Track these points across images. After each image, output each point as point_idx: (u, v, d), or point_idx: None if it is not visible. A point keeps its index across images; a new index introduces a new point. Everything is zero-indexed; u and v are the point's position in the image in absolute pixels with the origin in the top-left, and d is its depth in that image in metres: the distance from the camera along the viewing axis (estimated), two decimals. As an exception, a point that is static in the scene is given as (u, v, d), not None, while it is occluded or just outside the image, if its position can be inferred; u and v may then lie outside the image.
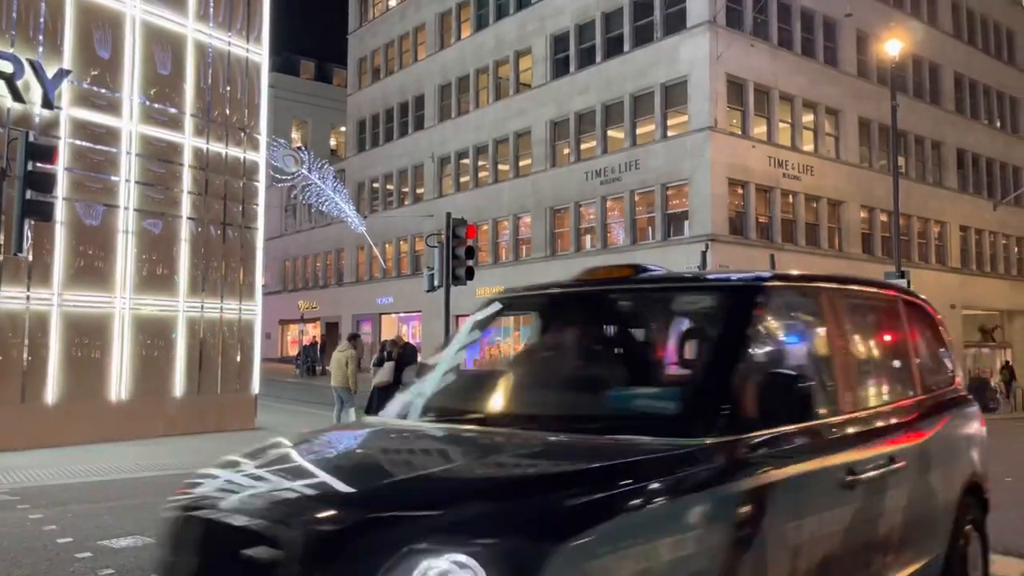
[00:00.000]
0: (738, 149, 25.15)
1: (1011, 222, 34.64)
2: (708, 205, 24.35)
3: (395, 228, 37.39)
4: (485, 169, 33.53)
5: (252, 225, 14.76)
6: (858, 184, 28.50)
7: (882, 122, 29.06)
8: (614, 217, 27.87)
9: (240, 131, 14.65)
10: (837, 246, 27.93)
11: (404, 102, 38.20)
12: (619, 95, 27.47)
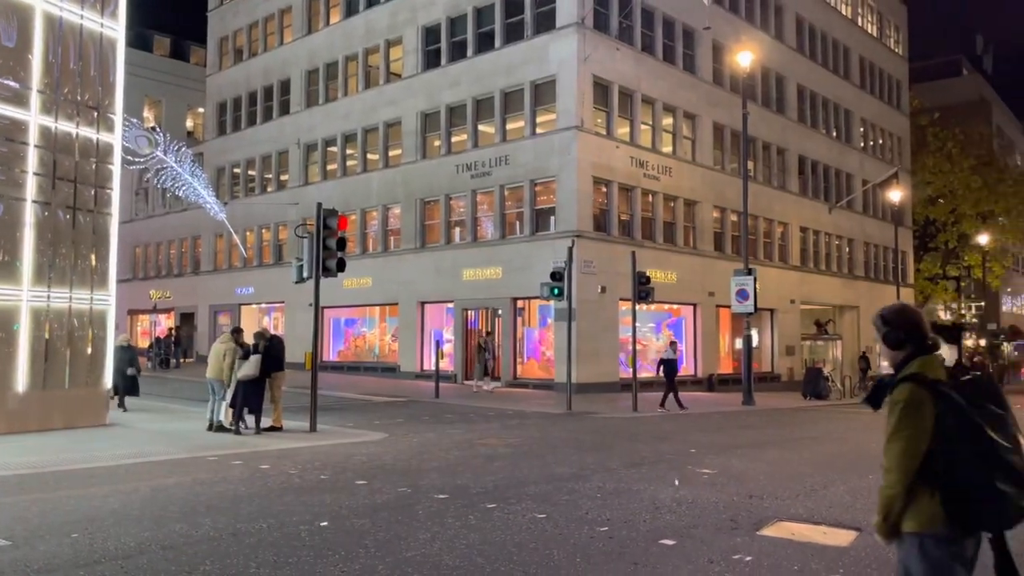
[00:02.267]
0: (603, 149, 26.06)
1: (844, 224, 37.75)
2: (574, 202, 25.10)
3: (257, 215, 36.13)
4: (354, 158, 33.00)
5: (105, 210, 13.95)
6: (712, 186, 30.19)
7: (734, 128, 30.93)
8: (484, 211, 28.19)
9: (93, 110, 13.80)
10: (692, 244, 29.48)
11: (268, 86, 36.92)
12: (490, 90, 27.79)
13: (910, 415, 3.01)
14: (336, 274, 13.85)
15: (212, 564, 5.49)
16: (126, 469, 9.61)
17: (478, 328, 28.55)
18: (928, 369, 3.13)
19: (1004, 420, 2.99)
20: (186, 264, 41.75)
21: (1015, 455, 2.93)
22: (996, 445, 2.91)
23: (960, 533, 2.99)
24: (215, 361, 12.89)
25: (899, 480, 3.01)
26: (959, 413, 2.96)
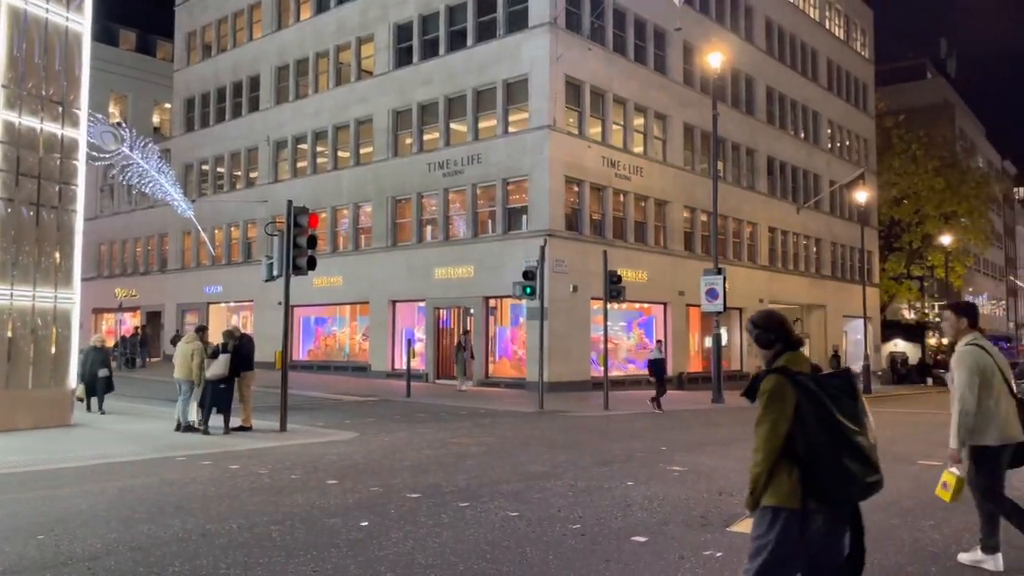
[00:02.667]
0: (575, 148, 26.16)
1: (811, 225, 38.28)
2: (546, 201, 25.16)
3: (226, 213, 35.73)
4: (324, 156, 32.77)
5: (70, 207, 13.71)
6: (682, 186, 30.45)
7: (704, 129, 31.23)
8: (456, 209, 28.15)
9: (58, 105, 13.55)
10: (663, 243, 29.70)
11: (238, 82, 36.52)
12: (462, 88, 27.75)
13: (774, 402, 3.39)
14: (306, 272, 13.74)
15: (181, 565, 5.43)
16: (93, 470, 9.46)
17: (450, 327, 28.53)
18: (793, 363, 3.52)
19: (855, 407, 3.39)
20: (153, 262, 41.16)
21: (861, 437, 3.33)
22: (845, 429, 3.31)
23: (813, 507, 3.34)
24: (183, 361, 12.74)
25: (764, 459, 3.39)
26: (815, 401, 3.33)
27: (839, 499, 3.34)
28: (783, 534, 3.36)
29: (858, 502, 3.40)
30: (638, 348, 29.05)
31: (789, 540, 3.35)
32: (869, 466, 3.33)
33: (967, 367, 5.33)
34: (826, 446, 3.30)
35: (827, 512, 3.34)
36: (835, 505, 3.35)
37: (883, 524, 6.89)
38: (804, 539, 3.34)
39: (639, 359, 27.57)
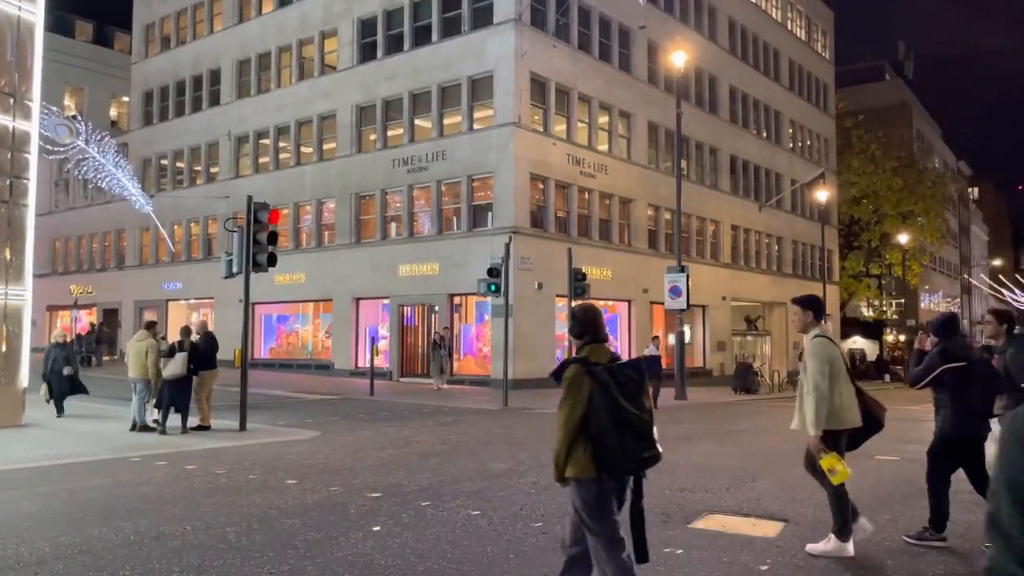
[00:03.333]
0: (540, 145, 26.15)
1: (773, 223, 38.77)
2: (511, 198, 25.12)
3: (186, 209, 35.12)
4: (287, 151, 32.36)
5: (21, 201, 13.34)
6: (646, 184, 30.62)
7: (668, 127, 31.41)
8: (421, 206, 27.98)
9: (9, 97, 13.17)
10: (627, 241, 29.85)
11: (198, 75, 35.89)
12: (427, 85, 27.58)
13: (572, 389, 3.94)
14: (267, 269, 13.53)
15: (132, 569, 5.28)
16: (44, 471, 9.20)
17: (414, 325, 28.36)
18: (593, 355, 4.07)
19: (638, 393, 3.98)
20: (110, 258, 40.32)
21: (641, 419, 3.91)
22: (627, 412, 3.88)
23: (605, 477, 3.94)
24: (137, 360, 12.42)
25: (564, 438, 3.95)
26: (604, 389, 3.89)
27: (623, 470, 3.96)
28: (586, 499, 3.97)
29: (639, 472, 4.02)
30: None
31: (593, 503, 3.96)
32: (647, 442, 3.94)
33: (820, 357, 5.64)
34: (611, 427, 3.87)
35: (616, 479, 3.98)
36: (620, 474, 3.99)
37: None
38: (604, 499, 3.97)
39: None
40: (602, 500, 3.97)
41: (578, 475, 3.95)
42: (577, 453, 3.94)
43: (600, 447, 3.89)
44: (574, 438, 3.92)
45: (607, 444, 3.87)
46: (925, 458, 6.39)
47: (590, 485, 3.95)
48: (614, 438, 3.86)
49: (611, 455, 3.88)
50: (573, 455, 3.95)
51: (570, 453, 3.95)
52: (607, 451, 3.88)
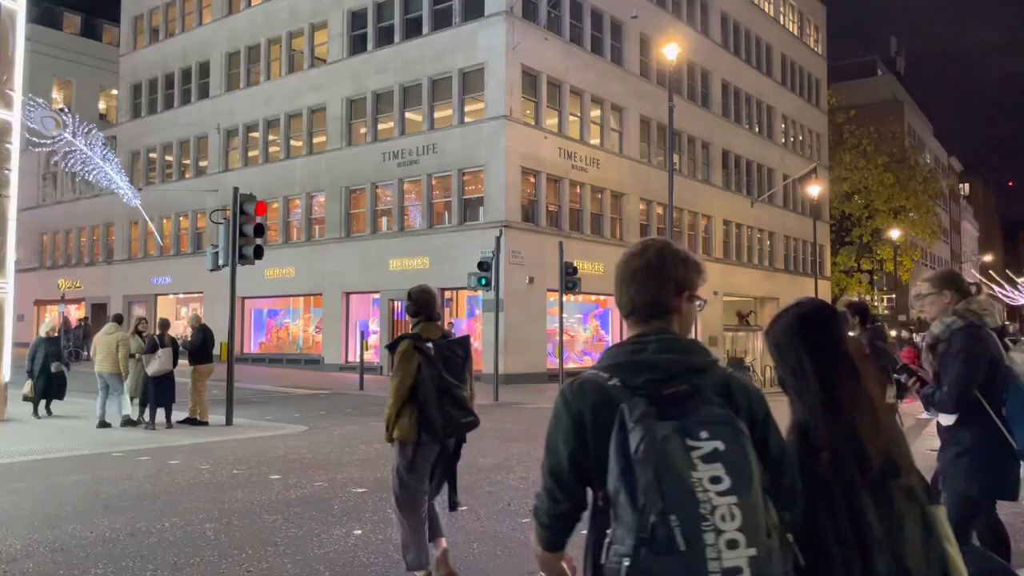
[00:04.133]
0: (531, 139, 25.97)
1: (765, 218, 38.70)
2: (503, 192, 24.94)
3: (175, 203, 34.79)
4: (276, 144, 32.08)
5: (3, 192, 13.09)
6: (638, 178, 30.48)
7: (660, 121, 31.27)
8: (411, 200, 27.78)
9: (-12, 85, 12.91)
10: (619, 235, 29.70)
11: (187, 68, 35.55)
12: (418, 77, 27.36)
13: (403, 361, 4.44)
14: (253, 262, 13.34)
15: (104, 567, 5.11)
16: (22, 467, 9.00)
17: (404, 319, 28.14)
18: (424, 331, 4.59)
19: (462, 367, 4.60)
20: (98, 253, 39.96)
21: (460, 390, 4.53)
22: (449, 384, 4.46)
23: (426, 439, 4.49)
24: (107, 354, 12.10)
25: (393, 405, 4.45)
26: (429, 362, 4.41)
27: (444, 433, 4.51)
28: (406, 458, 4.53)
29: (458, 435, 4.66)
30: (594, 340, 29.05)
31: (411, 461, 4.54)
32: (464, 410, 4.55)
33: None
34: (434, 396, 4.39)
35: (437, 442, 4.54)
36: (440, 437, 4.52)
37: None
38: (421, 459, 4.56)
39: (595, 351, 27.56)
40: (418, 460, 4.56)
41: (401, 438, 4.48)
42: (403, 419, 4.43)
43: (424, 413, 4.42)
44: (403, 405, 4.43)
45: (429, 411, 4.41)
46: None
47: (410, 446, 4.51)
48: (436, 406, 4.40)
49: (432, 420, 4.42)
50: (400, 420, 4.45)
51: (398, 418, 4.45)
52: (429, 417, 4.41)
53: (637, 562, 1.62)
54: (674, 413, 1.69)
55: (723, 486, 1.61)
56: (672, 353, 1.86)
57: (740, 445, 1.67)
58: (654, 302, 1.96)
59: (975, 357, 3.64)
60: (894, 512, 1.89)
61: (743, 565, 1.59)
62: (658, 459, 1.62)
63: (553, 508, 1.96)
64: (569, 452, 1.86)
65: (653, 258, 1.99)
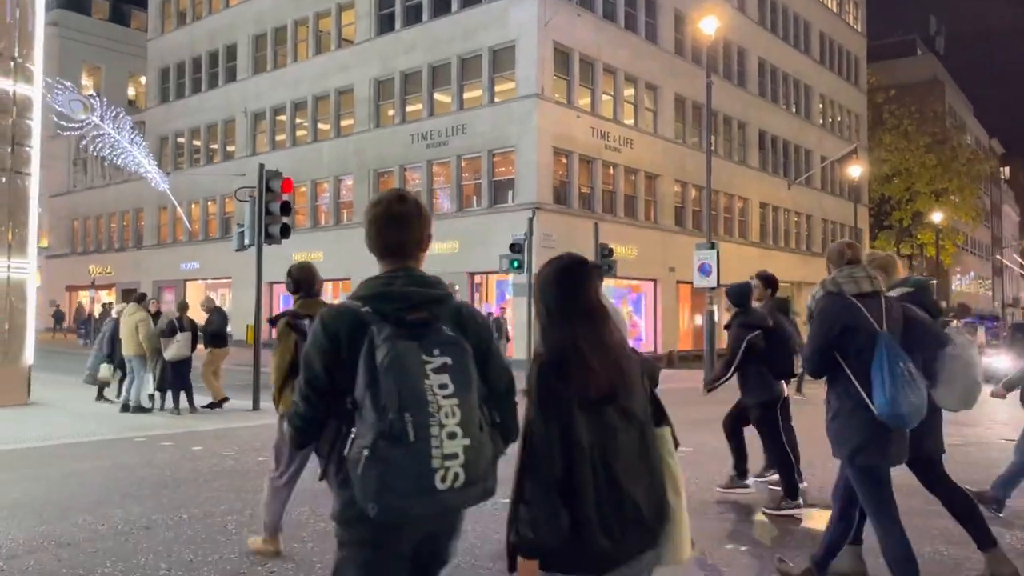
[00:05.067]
0: (563, 118, 25.26)
1: (803, 201, 37.63)
2: (534, 173, 24.29)
3: (202, 187, 34.59)
4: (303, 127, 31.68)
5: (24, 170, 12.71)
6: (673, 159, 29.63)
7: (695, 100, 30.42)
8: (440, 183, 27.23)
9: (9, 60, 12.53)
10: (653, 218, 28.94)
11: (214, 51, 35.25)
12: (446, 56, 26.73)
13: (280, 339, 4.57)
14: (280, 241, 12.84)
15: (113, 565, 4.61)
16: (40, 453, 8.60)
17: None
18: (304, 308, 4.71)
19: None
20: (128, 238, 39.97)
21: None
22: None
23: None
24: (129, 335, 11.68)
25: (276, 379, 4.53)
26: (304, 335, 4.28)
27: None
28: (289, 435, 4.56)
29: None
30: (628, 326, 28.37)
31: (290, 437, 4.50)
32: None
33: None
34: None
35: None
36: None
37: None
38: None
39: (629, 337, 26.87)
40: None
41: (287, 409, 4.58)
42: (286, 392, 4.45)
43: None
44: (285, 380, 4.48)
45: None
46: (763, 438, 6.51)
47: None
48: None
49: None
50: (284, 393, 4.47)
51: (282, 393, 4.50)
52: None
53: (376, 451, 1.98)
54: (415, 335, 2.07)
55: (448, 391, 2.02)
56: (417, 286, 2.22)
57: (464, 361, 2.09)
58: (407, 243, 2.31)
59: (824, 321, 3.83)
60: (607, 427, 2.25)
61: (459, 451, 2.00)
62: (398, 370, 1.99)
63: (307, 412, 2.23)
64: (323, 365, 2.16)
65: (412, 206, 2.35)
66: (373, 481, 2.01)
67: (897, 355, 3.60)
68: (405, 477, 1.99)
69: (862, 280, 3.86)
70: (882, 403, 3.57)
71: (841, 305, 3.80)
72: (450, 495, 2.02)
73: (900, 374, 3.55)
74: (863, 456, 3.75)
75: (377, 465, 2.00)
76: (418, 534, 2.23)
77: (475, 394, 2.10)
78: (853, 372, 3.73)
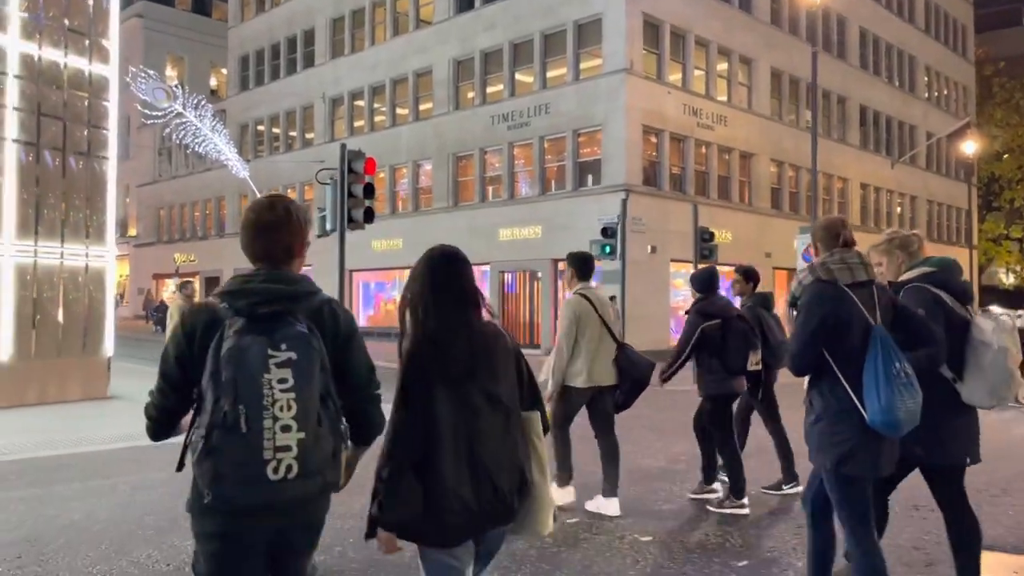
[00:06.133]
0: (653, 94, 23.82)
1: (907, 181, 35.10)
2: (622, 153, 22.97)
3: (281, 175, 34.42)
4: (381, 112, 31.05)
5: (100, 153, 12.18)
6: (769, 137, 27.82)
7: (792, 74, 28.52)
8: (522, 165, 26.17)
9: (83, 37, 11.98)
10: (747, 200, 27.25)
11: (292, 36, 34.98)
12: (528, 33, 25.58)
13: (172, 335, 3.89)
14: (364, 226, 12.02)
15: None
16: (108, 457, 7.91)
17: (515, 292, 26.73)
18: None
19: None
20: (211, 227, 40.33)
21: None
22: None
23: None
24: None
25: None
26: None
27: None
28: None
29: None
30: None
31: None
32: None
33: (566, 316, 5.75)
34: None
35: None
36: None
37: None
38: None
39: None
40: None
41: None
42: None
43: None
44: None
45: None
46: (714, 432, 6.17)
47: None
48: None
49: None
50: None
51: None
52: None
53: (210, 440, 2.07)
54: (264, 329, 2.14)
55: (286, 385, 2.09)
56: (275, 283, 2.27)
57: (310, 356, 2.15)
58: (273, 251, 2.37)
59: (812, 315, 3.37)
60: (469, 408, 2.42)
61: (293, 444, 2.09)
62: (237, 362, 2.07)
63: (161, 402, 2.27)
64: (176, 356, 2.23)
65: (282, 213, 2.40)
66: (208, 470, 2.06)
67: (892, 353, 3.23)
68: (237, 467, 2.03)
69: (856, 268, 3.42)
70: (876, 408, 3.20)
71: (833, 295, 3.36)
72: (283, 486, 2.06)
73: (896, 375, 3.20)
74: (850, 465, 3.35)
75: (212, 454, 2.05)
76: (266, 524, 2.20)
77: (316, 389, 2.13)
78: (842, 371, 3.33)
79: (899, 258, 3.96)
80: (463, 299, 2.52)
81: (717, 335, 5.86)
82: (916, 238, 4.08)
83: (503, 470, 2.42)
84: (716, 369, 5.93)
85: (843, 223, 3.60)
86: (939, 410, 3.53)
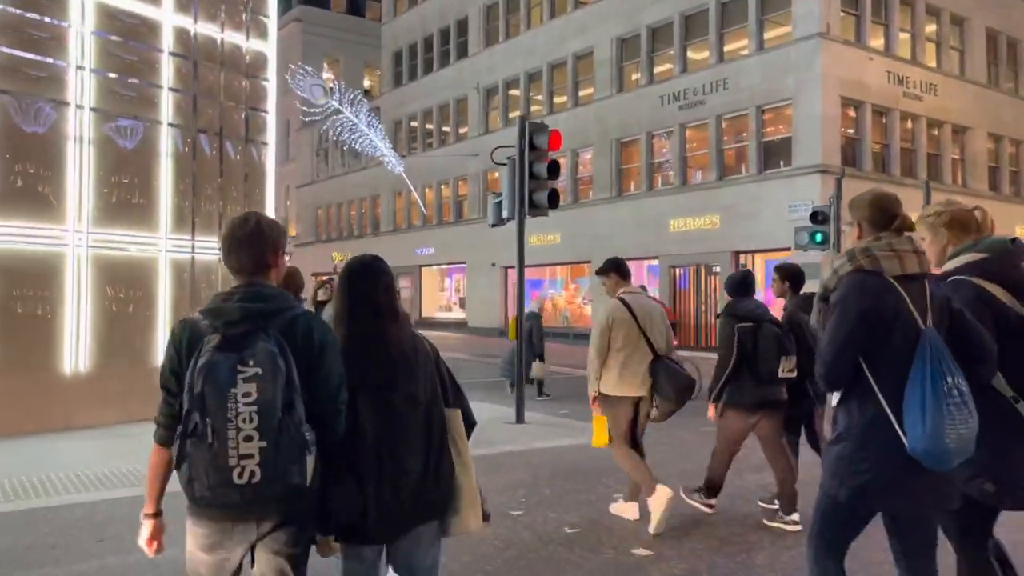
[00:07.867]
0: (853, 61, 20.89)
1: None
2: (818, 129, 20.21)
3: (436, 171, 33.73)
4: (538, 101, 29.57)
5: (259, 138, 11.13)
6: (985, 108, 24.06)
7: (1010, 35, 24.58)
8: (695, 149, 23.82)
9: (241, 11, 10.95)
10: (959, 181, 23.63)
11: (445, 27, 34.18)
12: (702, 2, 23.21)
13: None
14: (547, 212, 10.29)
15: None
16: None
17: (687, 289, 24.40)
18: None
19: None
20: (366, 225, 40.46)
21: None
22: None
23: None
24: None
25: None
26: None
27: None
28: None
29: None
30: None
31: None
32: None
33: (598, 323, 5.58)
34: None
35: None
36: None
37: None
38: None
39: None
40: None
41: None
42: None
43: None
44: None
45: None
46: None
47: None
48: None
49: None
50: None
51: None
52: None
53: (184, 448, 2.22)
54: (236, 346, 2.23)
55: (250, 399, 2.17)
56: (249, 302, 2.33)
57: (274, 371, 2.21)
58: (246, 265, 2.41)
59: (848, 312, 2.66)
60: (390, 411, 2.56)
61: (255, 452, 2.17)
62: (206, 377, 2.19)
63: (166, 409, 2.37)
64: (170, 369, 2.36)
65: (254, 227, 2.44)
66: (184, 472, 2.23)
67: (945, 365, 2.52)
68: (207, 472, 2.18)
69: (908, 257, 2.68)
70: (918, 433, 2.50)
71: (876, 288, 2.65)
72: (249, 489, 2.18)
73: (947, 393, 2.49)
74: (870, 502, 2.68)
75: (186, 459, 2.21)
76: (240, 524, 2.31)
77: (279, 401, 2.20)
78: (879, 383, 2.63)
79: (945, 238, 3.05)
80: (378, 311, 2.65)
81: (749, 340, 5.39)
82: (975, 217, 3.05)
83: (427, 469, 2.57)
84: (745, 376, 5.47)
85: (898, 202, 2.81)
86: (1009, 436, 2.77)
